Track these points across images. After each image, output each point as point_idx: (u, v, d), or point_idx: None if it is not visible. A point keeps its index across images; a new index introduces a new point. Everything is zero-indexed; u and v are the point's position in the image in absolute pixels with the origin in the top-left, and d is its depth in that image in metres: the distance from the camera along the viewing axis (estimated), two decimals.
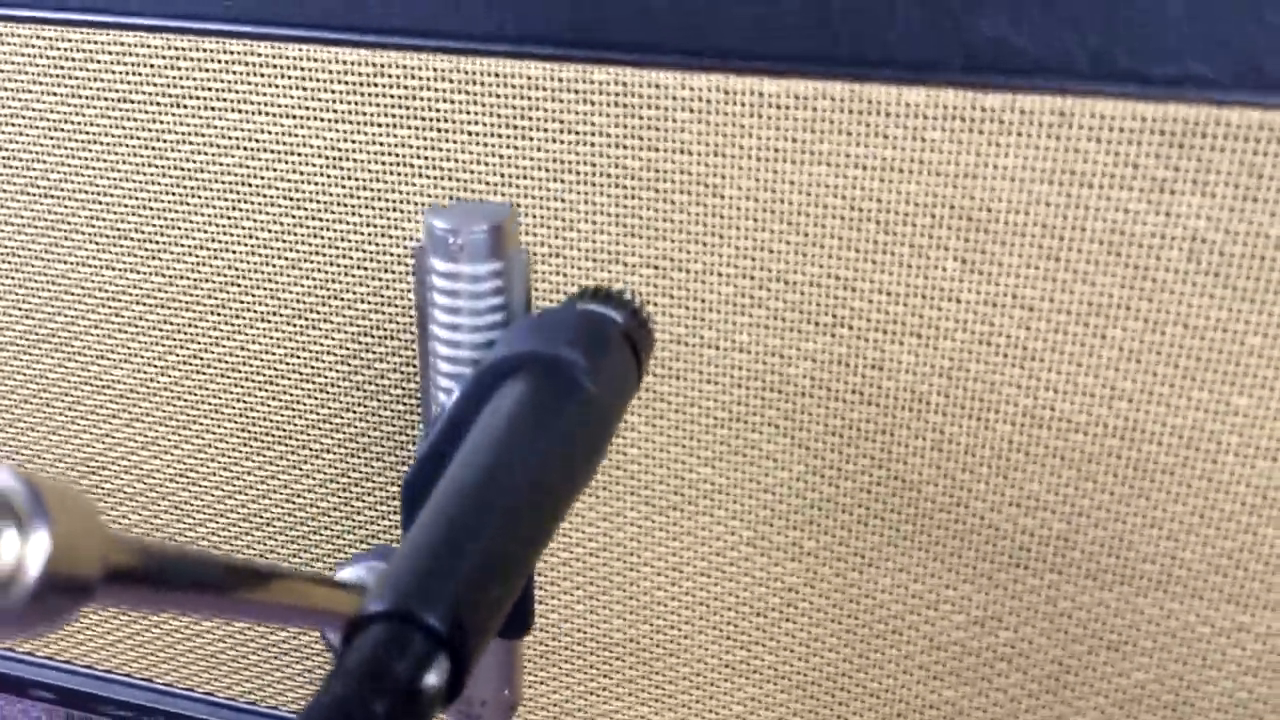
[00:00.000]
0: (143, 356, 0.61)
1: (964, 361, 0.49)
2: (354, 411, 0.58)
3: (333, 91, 0.52)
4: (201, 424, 0.61)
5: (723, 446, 0.54)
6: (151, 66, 0.53)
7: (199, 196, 0.56)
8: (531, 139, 0.50)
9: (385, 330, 0.56)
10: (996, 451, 0.50)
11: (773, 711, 0.60)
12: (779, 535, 0.55)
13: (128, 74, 0.54)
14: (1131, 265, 0.45)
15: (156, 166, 0.56)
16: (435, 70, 0.50)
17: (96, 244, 0.58)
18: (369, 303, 0.56)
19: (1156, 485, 0.49)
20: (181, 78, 0.53)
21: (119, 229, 0.58)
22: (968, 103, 0.44)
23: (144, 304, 0.59)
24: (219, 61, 0.52)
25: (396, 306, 0.55)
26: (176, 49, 0.52)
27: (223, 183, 0.55)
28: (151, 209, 0.57)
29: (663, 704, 0.60)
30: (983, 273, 0.47)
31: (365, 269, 0.55)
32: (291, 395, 0.59)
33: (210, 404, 0.61)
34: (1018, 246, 0.46)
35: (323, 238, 0.55)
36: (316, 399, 0.59)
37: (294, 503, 0.62)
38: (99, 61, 0.54)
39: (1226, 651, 0.51)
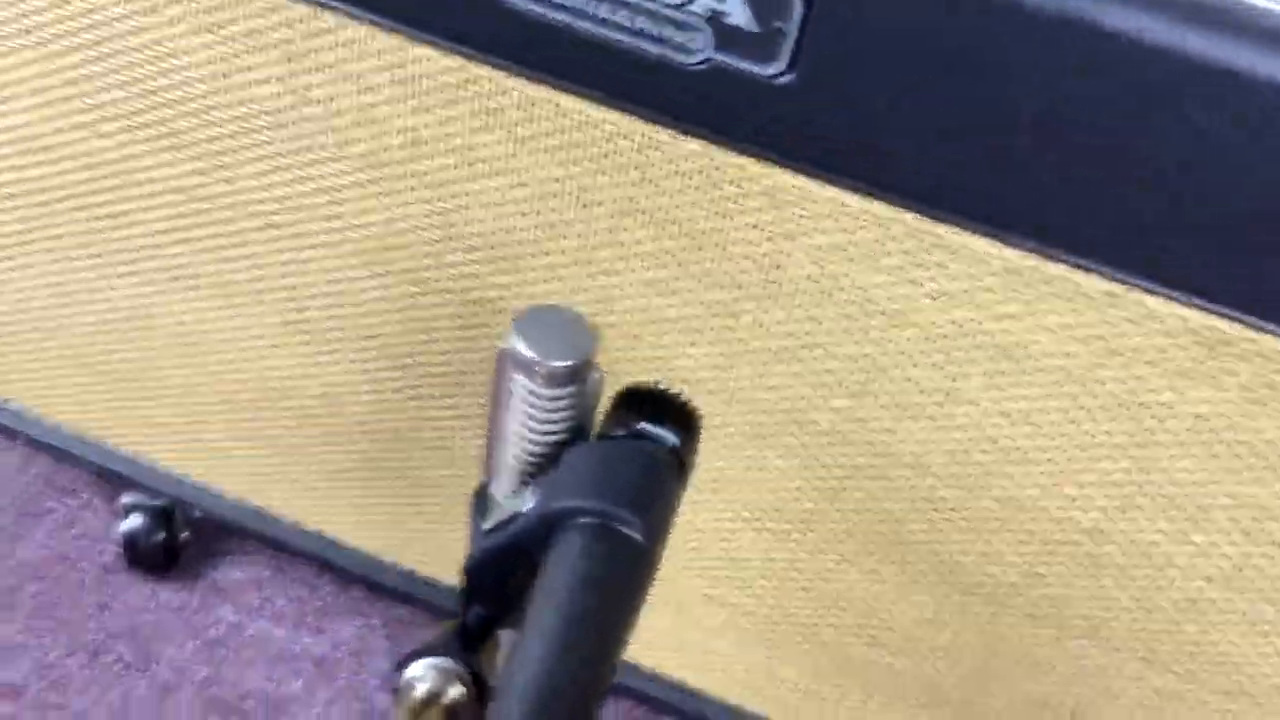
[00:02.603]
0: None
1: (969, 449, 0.54)
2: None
3: (420, 84, 0.52)
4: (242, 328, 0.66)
5: (736, 452, 0.59)
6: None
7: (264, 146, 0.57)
8: (608, 176, 0.51)
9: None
10: (978, 514, 0.56)
11: (738, 636, 0.69)
12: (772, 523, 0.62)
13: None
14: (1135, 422, 0.49)
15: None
16: (523, 95, 0.50)
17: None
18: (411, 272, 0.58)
19: (1106, 572, 0.56)
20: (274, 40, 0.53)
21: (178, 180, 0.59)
22: (1029, 265, 0.46)
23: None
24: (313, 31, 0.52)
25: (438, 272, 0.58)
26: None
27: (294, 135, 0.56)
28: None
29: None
30: (1003, 390, 0.51)
31: (414, 237, 0.57)
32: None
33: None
34: (1040, 381, 0.50)
35: (378, 204, 0.57)
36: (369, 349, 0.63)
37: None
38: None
39: (1128, 691, 0.60)
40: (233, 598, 0.92)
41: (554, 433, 0.44)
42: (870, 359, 0.52)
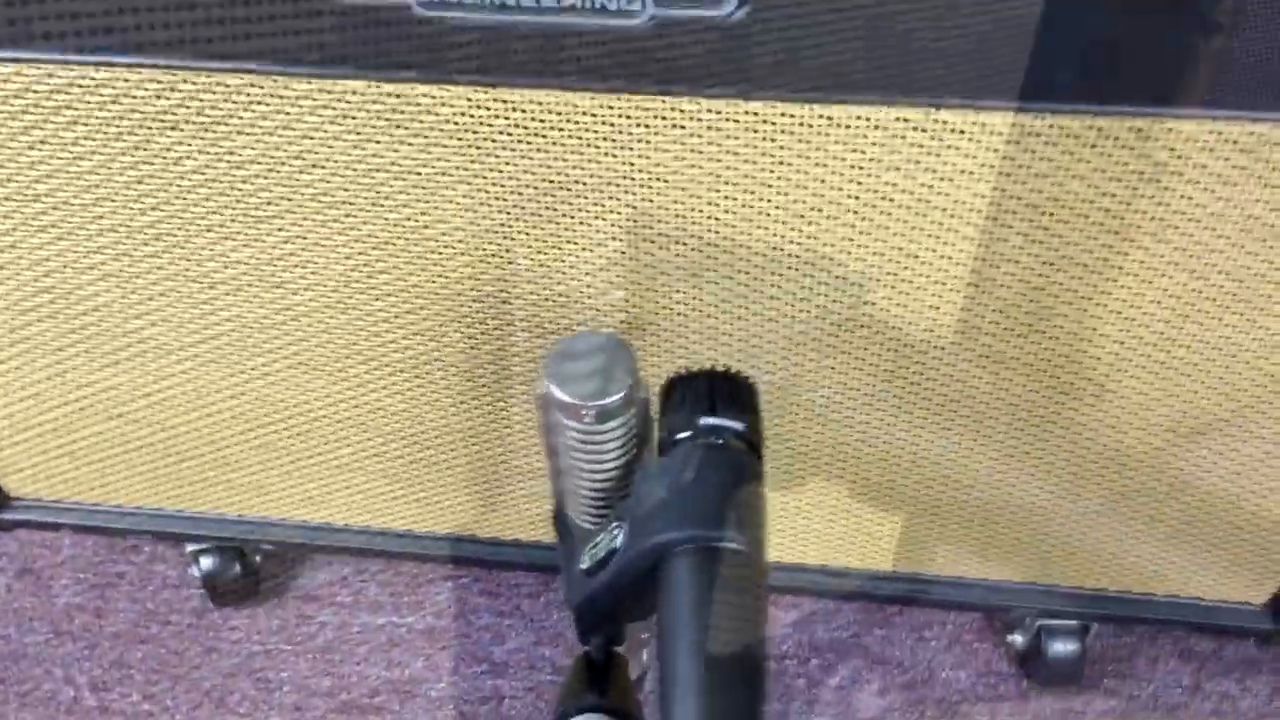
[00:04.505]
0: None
1: (1016, 302, 0.52)
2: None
3: (355, 118, 0.48)
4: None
5: (782, 361, 0.58)
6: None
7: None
8: (578, 154, 0.48)
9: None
10: (1038, 356, 0.55)
11: (825, 512, 0.70)
12: (835, 413, 0.61)
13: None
14: (1187, 236, 0.47)
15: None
16: (469, 101, 0.46)
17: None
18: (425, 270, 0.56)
19: (1179, 372, 0.55)
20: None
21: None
22: (1044, 124, 0.43)
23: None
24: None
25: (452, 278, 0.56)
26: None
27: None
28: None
29: None
30: (1043, 243, 0.49)
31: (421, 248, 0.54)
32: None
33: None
34: (1079, 224, 0.48)
35: (347, 236, 0.53)
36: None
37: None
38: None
39: (1221, 463, 0.60)
40: (325, 601, 0.93)
41: (617, 459, 0.43)
42: (899, 249, 0.50)
